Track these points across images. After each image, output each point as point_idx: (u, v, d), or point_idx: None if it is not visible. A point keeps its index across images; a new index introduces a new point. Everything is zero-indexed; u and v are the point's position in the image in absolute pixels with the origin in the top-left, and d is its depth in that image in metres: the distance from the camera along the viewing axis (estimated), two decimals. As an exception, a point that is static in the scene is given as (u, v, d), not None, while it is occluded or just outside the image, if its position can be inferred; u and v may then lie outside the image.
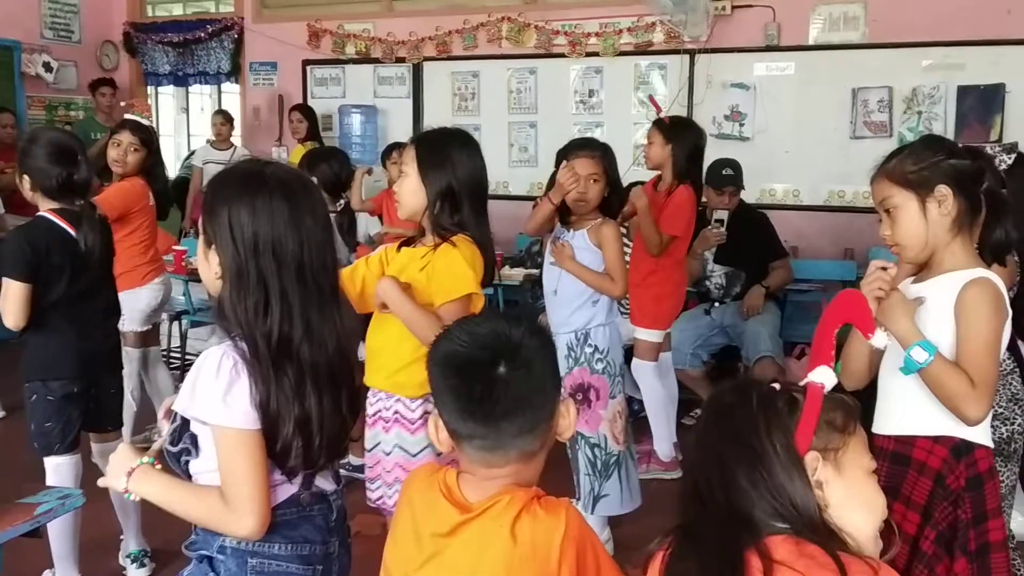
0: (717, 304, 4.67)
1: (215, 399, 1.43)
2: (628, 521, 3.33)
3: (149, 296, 4.03)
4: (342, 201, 4.07)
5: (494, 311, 4.09)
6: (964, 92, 5.35)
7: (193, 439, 1.51)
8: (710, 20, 5.77)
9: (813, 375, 1.19)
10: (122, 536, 3.10)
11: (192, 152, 7.50)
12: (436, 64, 6.66)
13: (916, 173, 1.83)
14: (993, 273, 1.81)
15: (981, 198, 1.82)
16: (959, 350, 1.75)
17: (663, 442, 4.03)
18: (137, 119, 3.99)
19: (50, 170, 2.74)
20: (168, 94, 9.07)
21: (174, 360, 5.64)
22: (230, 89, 8.24)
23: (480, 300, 2.23)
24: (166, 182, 4.42)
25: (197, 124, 9.34)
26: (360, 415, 1.69)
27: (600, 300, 3.15)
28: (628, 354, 3.77)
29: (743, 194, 4.59)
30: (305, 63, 7.06)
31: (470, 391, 1.28)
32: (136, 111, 4.22)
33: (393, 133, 6.57)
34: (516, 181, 6.47)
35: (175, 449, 1.52)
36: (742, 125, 5.86)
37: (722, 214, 4.30)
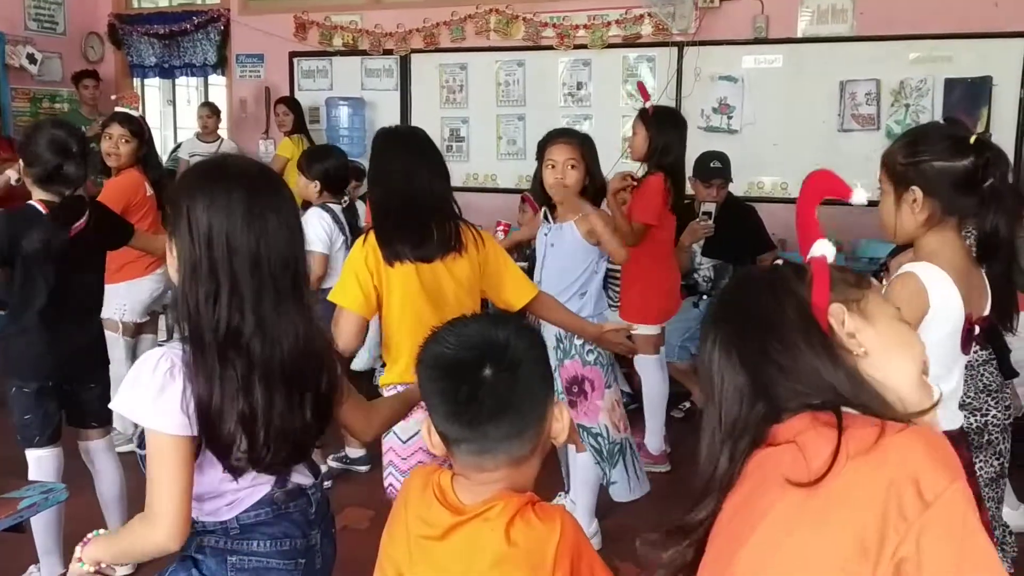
0: (705, 297, 4.66)
1: (146, 400, 1.42)
2: (615, 514, 3.33)
3: (152, 286, 4.09)
4: (346, 198, 4.05)
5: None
6: (951, 85, 5.36)
7: None
8: (698, 13, 5.77)
9: (813, 251, 1.16)
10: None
11: (178, 145, 7.44)
12: (424, 56, 6.63)
13: (900, 167, 1.89)
14: (929, 266, 1.84)
15: (971, 198, 1.85)
16: None
17: (654, 436, 4.03)
18: (126, 111, 4.06)
19: (43, 158, 2.76)
20: (154, 86, 8.99)
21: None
22: (217, 81, 8.18)
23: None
24: (162, 171, 4.44)
25: (184, 116, 9.26)
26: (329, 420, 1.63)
27: (588, 292, 3.15)
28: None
29: (731, 187, 4.58)
30: (292, 55, 7.01)
31: (456, 394, 1.25)
32: (125, 103, 4.30)
33: (381, 125, 6.49)
34: (504, 174, 6.46)
35: (143, 452, 1.50)
36: (730, 118, 5.86)
37: (710, 207, 4.29)
